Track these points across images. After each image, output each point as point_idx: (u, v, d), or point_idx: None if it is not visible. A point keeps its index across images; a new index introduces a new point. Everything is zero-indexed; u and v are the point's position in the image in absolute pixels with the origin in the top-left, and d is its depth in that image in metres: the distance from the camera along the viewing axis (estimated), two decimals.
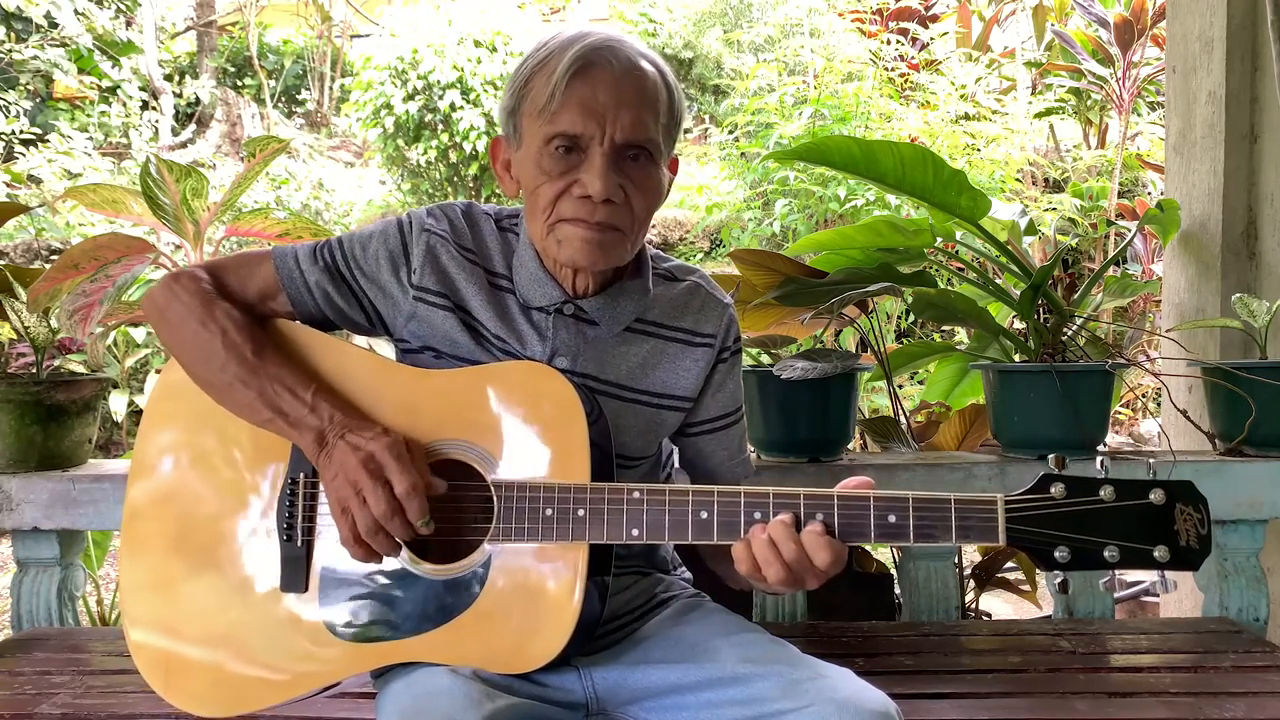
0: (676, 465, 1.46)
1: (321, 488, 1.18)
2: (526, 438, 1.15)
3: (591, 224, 1.15)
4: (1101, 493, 1.02)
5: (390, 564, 1.15)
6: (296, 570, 1.18)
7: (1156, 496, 1.02)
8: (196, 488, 1.24)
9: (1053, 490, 1.03)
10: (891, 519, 1.05)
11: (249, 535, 1.21)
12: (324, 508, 1.18)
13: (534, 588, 1.11)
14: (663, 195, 1.22)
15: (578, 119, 1.12)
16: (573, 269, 1.22)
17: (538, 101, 1.13)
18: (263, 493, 1.21)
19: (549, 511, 1.11)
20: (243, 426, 1.22)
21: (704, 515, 1.09)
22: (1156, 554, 1.01)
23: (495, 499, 1.12)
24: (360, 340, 1.54)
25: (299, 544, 1.18)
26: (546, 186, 1.15)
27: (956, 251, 2.47)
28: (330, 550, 1.17)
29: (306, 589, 1.17)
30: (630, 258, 1.23)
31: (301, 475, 1.20)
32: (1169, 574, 1.02)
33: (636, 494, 1.10)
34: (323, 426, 1.14)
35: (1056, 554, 1.02)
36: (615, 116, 1.12)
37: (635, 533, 1.09)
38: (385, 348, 1.40)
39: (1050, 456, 1.04)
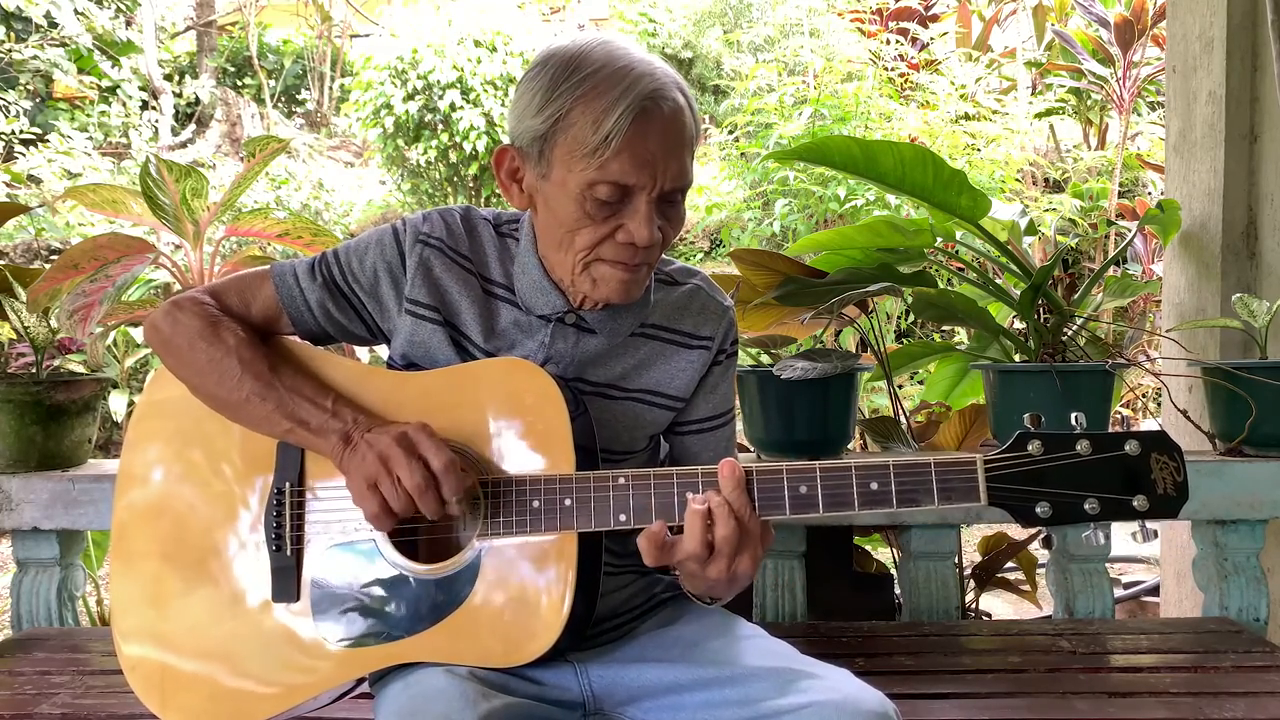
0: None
1: (308, 496, 1.19)
2: (510, 432, 1.15)
3: (631, 266, 1.16)
4: (1078, 447, 1.03)
5: (381, 567, 1.15)
6: (287, 580, 1.18)
7: (1131, 447, 1.02)
8: (184, 504, 1.23)
9: (1030, 448, 1.04)
10: (874, 486, 1.06)
11: (238, 548, 1.21)
12: (312, 516, 1.19)
13: (526, 580, 1.11)
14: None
15: (630, 171, 1.09)
16: (602, 302, 1.22)
17: (582, 140, 1.09)
18: (250, 505, 1.21)
19: (536, 503, 1.11)
20: (228, 442, 1.23)
21: (690, 497, 1.08)
22: (1136, 503, 1.02)
23: (481, 495, 1.12)
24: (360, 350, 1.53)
25: (288, 553, 1.18)
26: (588, 231, 1.14)
27: (956, 251, 2.47)
28: (320, 558, 1.17)
29: (298, 598, 1.17)
30: None
31: (287, 485, 1.20)
32: (1149, 523, 1.03)
33: (622, 480, 1.10)
34: (347, 428, 1.14)
35: (1038, 510, 1.03)
36: (665, 167, 1.11)
37: (623, 518, 1.09)
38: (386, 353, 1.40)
39: (1026, 416, 1.05)
